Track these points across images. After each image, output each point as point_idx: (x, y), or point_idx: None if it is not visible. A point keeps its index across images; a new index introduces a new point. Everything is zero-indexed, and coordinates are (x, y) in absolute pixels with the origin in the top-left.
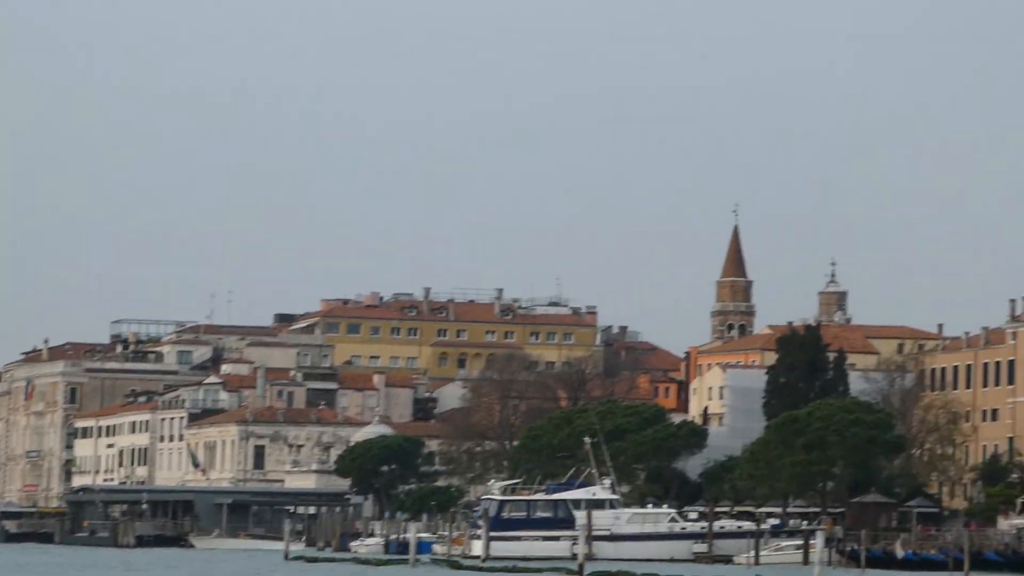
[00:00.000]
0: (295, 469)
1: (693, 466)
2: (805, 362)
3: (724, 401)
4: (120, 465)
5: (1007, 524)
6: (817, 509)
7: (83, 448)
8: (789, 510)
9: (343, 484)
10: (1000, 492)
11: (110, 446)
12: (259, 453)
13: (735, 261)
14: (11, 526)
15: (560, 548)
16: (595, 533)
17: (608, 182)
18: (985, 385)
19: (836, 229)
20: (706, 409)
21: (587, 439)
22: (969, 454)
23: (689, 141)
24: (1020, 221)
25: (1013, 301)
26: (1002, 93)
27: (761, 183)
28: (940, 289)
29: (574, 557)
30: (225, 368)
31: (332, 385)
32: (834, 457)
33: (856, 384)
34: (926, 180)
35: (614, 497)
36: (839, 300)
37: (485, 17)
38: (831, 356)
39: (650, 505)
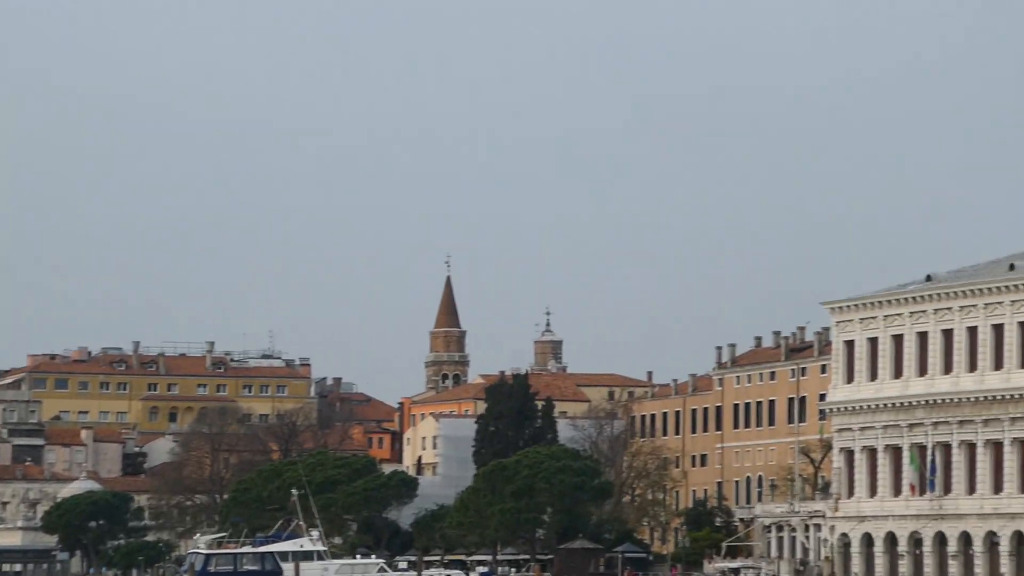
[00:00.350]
0: (0, 526)
1: (407, 516)
2: (514, 411)
3: (437, 450)
4: None
5: (712, 568)
6: (527, 556)
7: None
8: (499, 557)
9: (50, 540)
10: (706, 536)
11: None
12: None
13: (448, 312)
14: None
15: None
16: None
17: (320, 233)
18: (694, 431)
19: (550, 279)
20: (420, 459)
21: (294, 491)
22: (680, 499)
23: (400, 192)
24: (723, 271)
25: (719, 348)
26: (703, 146)
27: (473, 233)
28: (650, 337)
29: None
30: None
31: (39, 441)
32: (543, 504)
33: (565, 431)
34: (631, 231)
35: (321, 548)
36: (554, 349)
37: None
38: (540, 404)
39: (359, 555)
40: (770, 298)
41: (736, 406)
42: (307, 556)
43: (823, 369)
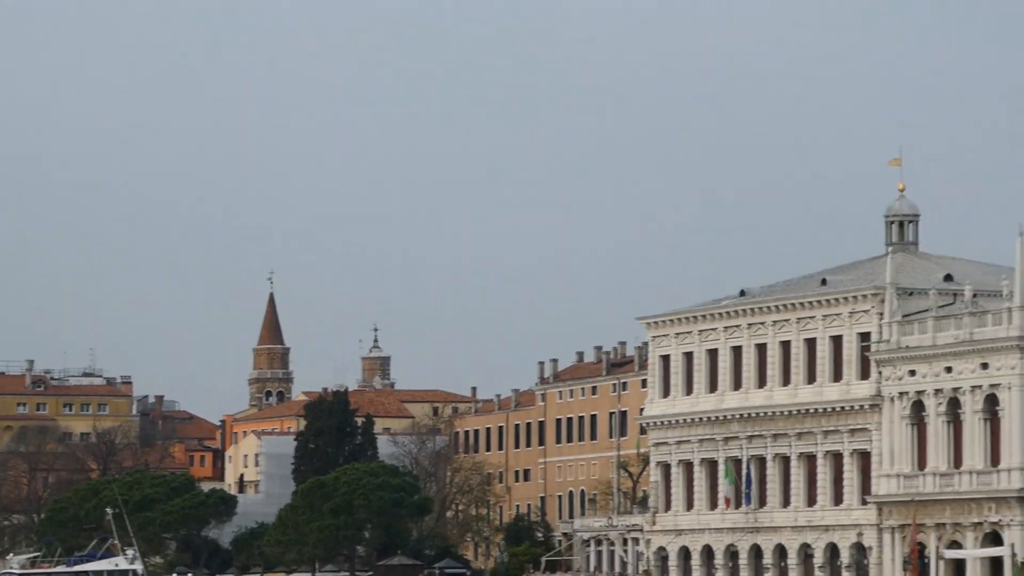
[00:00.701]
0: None
1: (228, 534)
2: (334, 428)
3: (259, 468)
4: None
5: None
6: (347, 573)
7: None
8: (318, 574)
9: None
10: (526, 551)
11: None
12: None
13: (271, 328)
14: None
15: None
16: None
17: (141, 249)
18: (517, 446)
19: (377, 295)
20: (242, 476)
21: (109, 510)
22: (503, 514)
23: (223, 207)
24: (545, 285)
25: (542, 364)
26: (526, 162)
27: (298, 250)
28: (474, 353)
29: None
30: None
31: None
32: (362, 521)
33: (386, 448)
34: (458, 245)
35: (136, 567)
36: (382, 365)
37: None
38: (360, 421)
39: (176, 574)
40: (592, 313)
41: (558, 421)
42: (122, 575)
43: (644, 383)
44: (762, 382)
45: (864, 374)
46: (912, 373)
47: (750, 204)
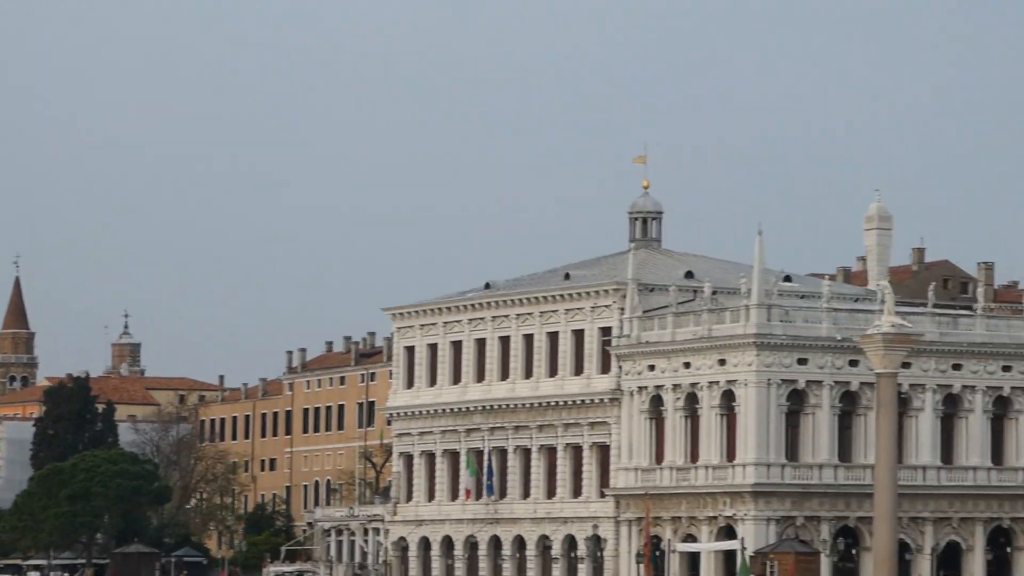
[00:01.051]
0: None
1: None
2: (74, 414)
3: (0, 454)
4: None
5: (268, 571)
6: (83, 560)
7: None
8: (54, 562)
9: None
10: (265, 540)
11: None
12: None
13: (16, 313)
14: None
15: None
16: None
17: None
18: (263, 435)
19: (129, 281)
20: None
21: None
22: (248, 503)
23: None
24: (296, 274)
25: (290, 353)
26: (282, 143)
27: (45, 233)
28: (223, 341)
29: None
30: None
31: None
32: (99, 508)
33: (127, 435)
34: (207, 232)
35: None
36: (132, 352)
37: None
38: (101, 408)
39: None
40: (342, 303)
41: (306, 411)
42: None
43: (392, 374)
44: (505, 375)
45: (605, 368)
46: (651, 368)
47: (498, 197)
